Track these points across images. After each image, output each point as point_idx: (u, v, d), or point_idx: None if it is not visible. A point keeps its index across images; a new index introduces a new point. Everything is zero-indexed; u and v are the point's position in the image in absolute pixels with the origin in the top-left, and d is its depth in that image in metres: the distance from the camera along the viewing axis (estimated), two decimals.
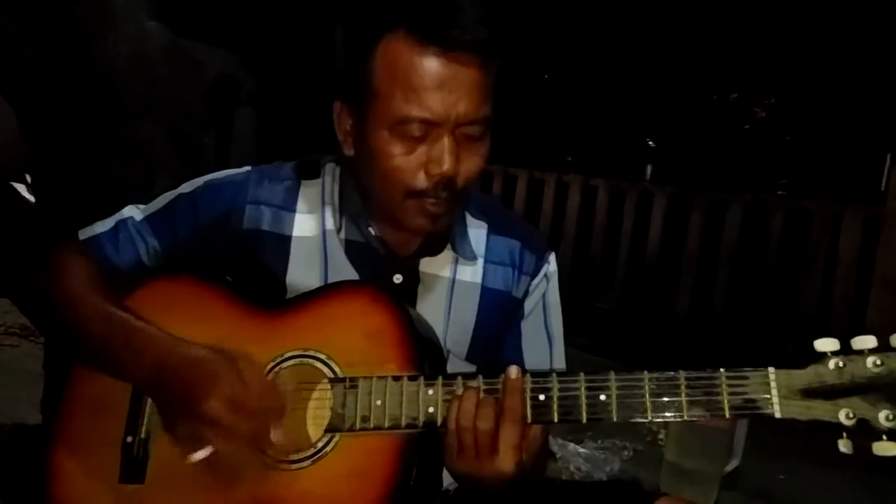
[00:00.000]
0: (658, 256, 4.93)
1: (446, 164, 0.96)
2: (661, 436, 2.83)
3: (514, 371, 0.90)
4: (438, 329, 1.08)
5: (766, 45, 8.08)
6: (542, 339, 1.17)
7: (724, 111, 9.59)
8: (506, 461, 0.88)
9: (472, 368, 1.11)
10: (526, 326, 1.16)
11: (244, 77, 2.07)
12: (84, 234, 1.11)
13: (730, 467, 2.60)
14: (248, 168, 1.14)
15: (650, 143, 9.79)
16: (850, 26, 7.44)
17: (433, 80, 0.94)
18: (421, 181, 0.98)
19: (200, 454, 0.89)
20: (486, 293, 1.13)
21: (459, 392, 0.90)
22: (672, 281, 4.84)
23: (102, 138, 1.72)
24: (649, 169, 9.46)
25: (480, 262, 1.13)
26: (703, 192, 4.88)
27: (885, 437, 0.81)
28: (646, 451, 2.80)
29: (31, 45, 1.69)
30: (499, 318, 1.13)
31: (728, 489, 2.58)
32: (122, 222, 1.11)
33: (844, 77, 8.23)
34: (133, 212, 1.12)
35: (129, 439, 0.99)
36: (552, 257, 1.19)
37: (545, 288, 1.17)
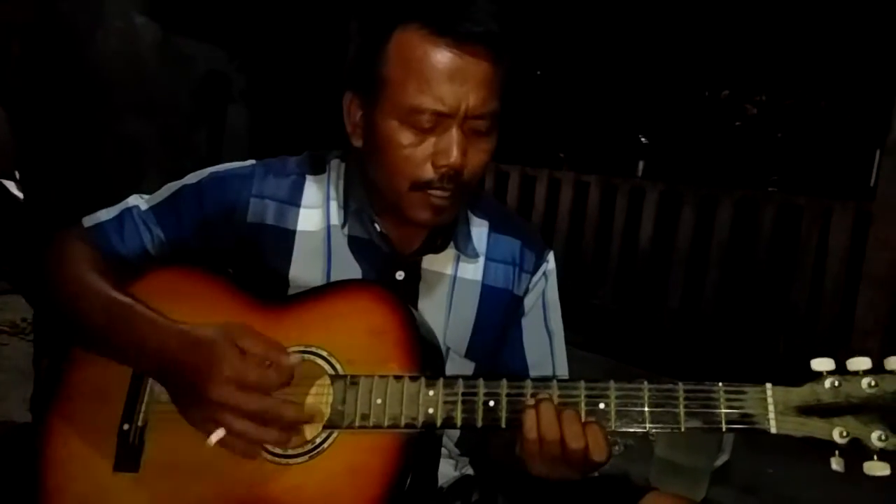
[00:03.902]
0: (650, 252, 4.95)
1: (454, 157, 0.97)
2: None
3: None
4: (439, 326, 1.09)
5: (757, 42, 8.10)
6: (543, 335, 1.18)
7: (715, 108, 9.62)
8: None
9: (471, 365, 1.12)
10: (526, 323, 1.17)
11: (235, 74, 2.06)
12: (88, 221, 1.11)
13: (720, 462, 2.61)
14: (252, 161, 1.14)
15: (642, 139, 9.81)
16: (841, 23, 7.47)
17: (445, 72, 0.95)
18: (428, 172, 0.98)
19: (215, 437, 0.89)
20: (487, 291, 1.13)
21: (531, 402, 0.90)
22: (663, 277, 4.85)
23: (91, 135, 1.71)
24: (641, 165, 9.49)
25: (482, 259, 1.14)
26: (695, 188, 4.90)
27: (876, 457, 0.84)
28: (636, 445, 2.81)
29: (19, 41, 1.68)
30: (498, 315, 1.14)
31: (718, 484, 2.59)
32: (128, 211, 1.11)
33: (834, 74, 8.26)
34: (138, 201, 1.12)
35: (126, 427, 0.99)
36: (551, 255, 1.20)
37: (544, 285, 1.18)
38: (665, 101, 9.18)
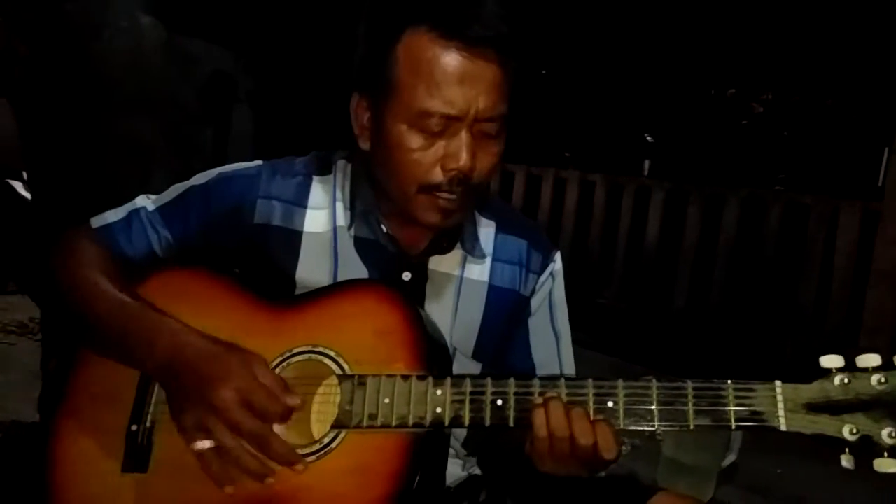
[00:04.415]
0: (656, 251, 4.94)
1: (463, 160, 0.97)
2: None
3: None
4: (445, 326, 1.08)
5: (763, 40, 8.07)
6: (550, 336, 1.18)
7: (721, 106, 9.60)
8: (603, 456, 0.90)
9: (478, 366, 1.12)
10: (533, 324, 1.17)
11: (241, 75, 2.07)
12: (96, 222, 1.11)
13: (727, 462, 2.60)
14: (259, 162, 1.14)
15: (648, 138, 9.79)
16: (847, 21, 7.43)
17: (455, 75, 0.95)
18: (437, 175, 0.98)
19: (204, 444, 0.89)
20: (494, 291, 1.13)
21: (539, 401, 0.90)
22: (670, 276, 4.84)
23: (98, 135, 1.72)
24: (647, 164, 9.47)
25: (488, 260, 1.14)
26: (701, 186, 4.89)
27: (886, 454, 0.83)
28: (643, 445, 2.80)
29: (25, 41, 1.68)
30: (505, 316, 1.14)
31: (725, 483, 2.58)
32: (135, 212, 1.11)
33: (842, 72, 8.23)
34: (145, 202, 1.12)
35: (134, 428, 0.99)
36: (558, 256, 1.20)
37: (551, 286, 1.18)
38: (671, 100, 9.16)
